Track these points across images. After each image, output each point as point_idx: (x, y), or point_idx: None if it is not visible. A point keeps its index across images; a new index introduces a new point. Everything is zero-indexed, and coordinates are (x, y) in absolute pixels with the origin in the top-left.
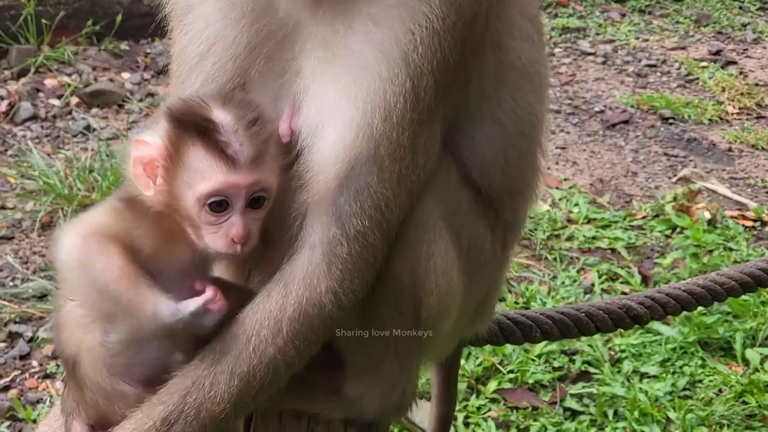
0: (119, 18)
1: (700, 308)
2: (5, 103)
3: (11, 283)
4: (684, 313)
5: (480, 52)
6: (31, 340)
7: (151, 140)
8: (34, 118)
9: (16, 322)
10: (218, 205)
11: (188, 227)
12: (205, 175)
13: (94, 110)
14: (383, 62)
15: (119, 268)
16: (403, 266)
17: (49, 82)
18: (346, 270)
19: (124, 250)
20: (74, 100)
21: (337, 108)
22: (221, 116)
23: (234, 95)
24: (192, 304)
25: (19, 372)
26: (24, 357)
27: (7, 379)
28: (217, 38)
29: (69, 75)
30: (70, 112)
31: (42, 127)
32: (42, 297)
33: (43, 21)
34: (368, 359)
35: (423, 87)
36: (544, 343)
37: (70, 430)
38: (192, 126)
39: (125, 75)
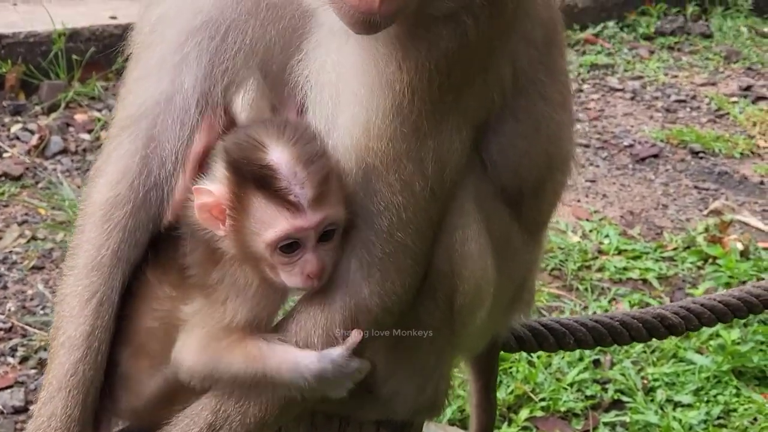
0: None
1: (734, 337)
2: (36, 137)
3: (42, 312)
4: (718, 341)
5: (489, 66)
6: None
7: (212, 188)
8: (64, 151)
9: (46, 350)
10: (289, 246)
11: (264, 267)
12: (270, 223)
13: None
14: (362, 83)
15: (243, 356)
16: (439, 253)
17: (80, 117)
18: (385, 270)
19: (239, 331)
20: (104, 134)
21: (334, 112)
22: (278, 158)
23: (287, 123)
24: (335, 351)
25: None
26: None
27: None
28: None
29: (99, 110)
30: (100, 146)
31: (72, 160)
32: None
33: (74, 57)
34: (402, 355)
35: (407, 106)
36: (576, 371)
37: None
38: (250, 176)
39: None
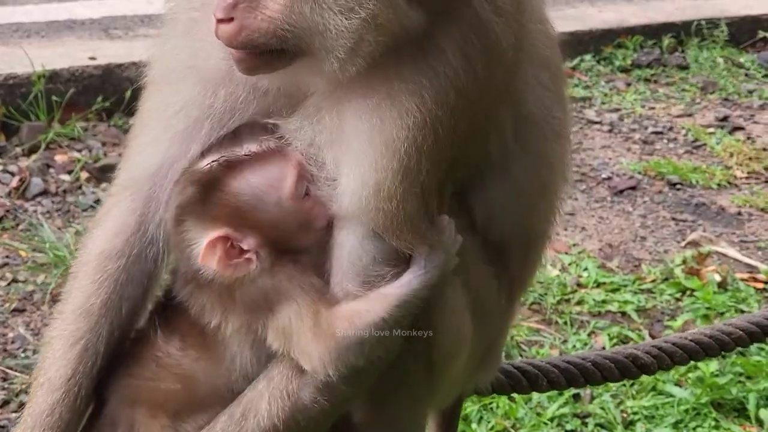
0: (128, 94)
1: (712, 369)
2: (16, 179)
3: (23, 355)
4: (696, 374)
5: (492, 116)
6: None
7: (212, 234)
8: (44, 193)
9: (27, 393)
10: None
11: (303, 236)
12: (280, 178)
13: (104, 185)
14: (368, 147)
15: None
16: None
17: (60, 158)
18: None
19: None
20: (84, 175)
21: (336, 174)
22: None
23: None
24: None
25: None
26: None
27: None
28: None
29: (79, 151)
30: (80, 187)
31: (53, 202)
32: None
33: (54, 98)
34: (381, 402)
35: (414, 166)
36: (556, 405)
37: None
38: (224, 164)
39: None
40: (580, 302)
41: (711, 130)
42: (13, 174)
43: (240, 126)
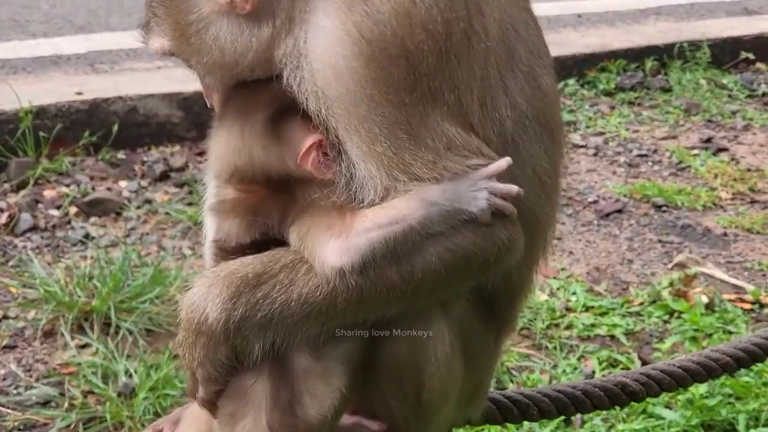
0: (115, 128)
1: (701, 391)
2: (5, 215)
3: (15, 391)
4: (686, 396)
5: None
6: None
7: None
8: (34, 228)
9: (20, 430)
10: None
11: None
12: None
13: (93, 219)
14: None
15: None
16: (404, 348)
17: (48, 193)
18: None
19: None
20: (73, 209)
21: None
22: None
23: None
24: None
25: None
26: None
27: None
28: None
29: (67, 185)
30: (69, 222)
31: (42, 237)
32: (45, 404)
33: (41, 134)
34: None
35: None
36: (547, 431)
37: None
38: None
39: (123, 183)
40: (569, 326)
41: (695, 151)
42: (2, 210)
43: None
